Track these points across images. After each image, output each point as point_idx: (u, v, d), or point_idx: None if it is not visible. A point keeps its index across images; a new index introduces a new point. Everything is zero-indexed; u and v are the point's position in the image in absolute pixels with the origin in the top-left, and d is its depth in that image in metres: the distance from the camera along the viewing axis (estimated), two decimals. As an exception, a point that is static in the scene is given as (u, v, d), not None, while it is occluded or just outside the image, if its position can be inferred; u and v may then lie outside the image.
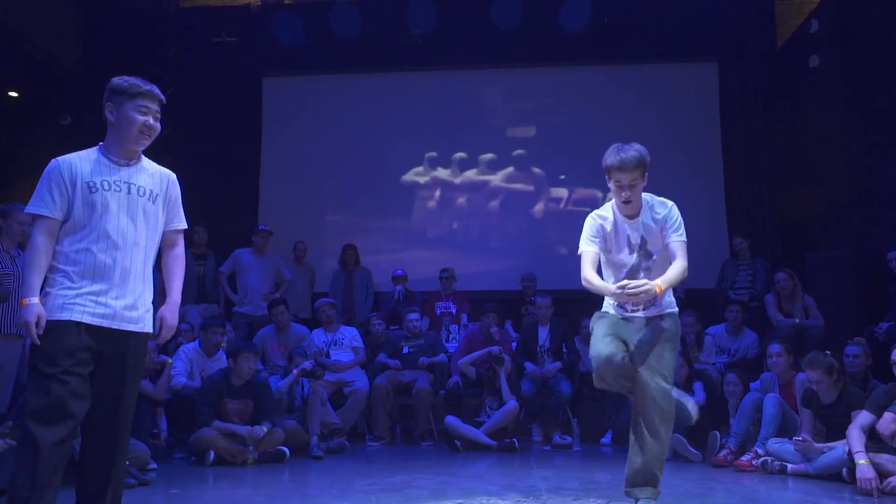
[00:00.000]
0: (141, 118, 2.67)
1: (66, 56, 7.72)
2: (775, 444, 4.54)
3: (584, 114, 8.29)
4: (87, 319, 2.44)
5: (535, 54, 8.29)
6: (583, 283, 3.27)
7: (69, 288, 2.46)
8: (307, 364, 5.53)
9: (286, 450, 5.05)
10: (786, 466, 4.41)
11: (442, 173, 8.35)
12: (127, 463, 3.97)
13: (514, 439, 5.56)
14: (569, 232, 8.09)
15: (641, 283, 3.05)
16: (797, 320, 5.83)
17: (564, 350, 6.30)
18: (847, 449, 4.01)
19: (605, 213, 3.31)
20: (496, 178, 8.29)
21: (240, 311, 6.90)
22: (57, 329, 2.41)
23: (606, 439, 5.92)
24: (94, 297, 2.47)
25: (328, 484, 4.22)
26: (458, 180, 8.31)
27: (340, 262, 7.59)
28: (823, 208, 7.07)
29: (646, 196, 3.28)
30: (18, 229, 4.53)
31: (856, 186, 6.62)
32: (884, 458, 3.83)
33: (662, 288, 3.08)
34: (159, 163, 2.94)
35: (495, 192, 8.26)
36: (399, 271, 7.41)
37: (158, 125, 2.74)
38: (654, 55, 8.17)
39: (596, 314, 3.36)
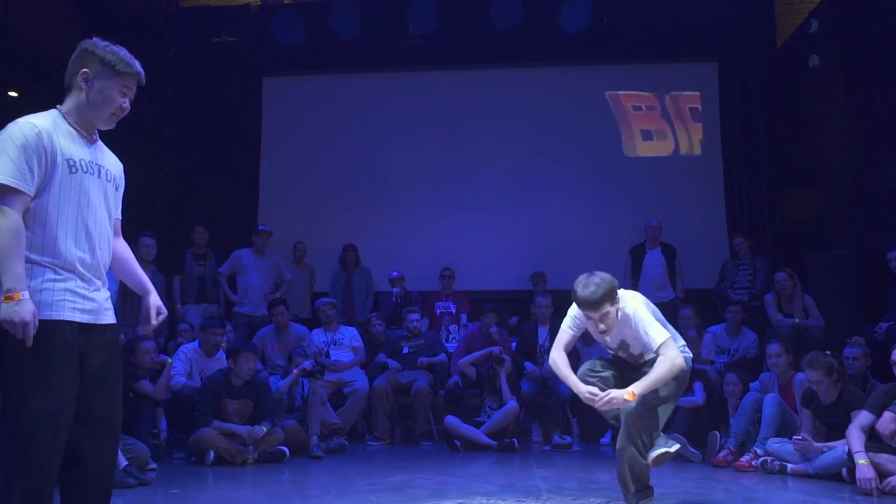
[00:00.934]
0: (121, 99, 2.34)
1: (66, 56, 7.70)
2: (775, 444, 4.54)
3: (584, 113, 8.29)
4: (77, 317, 2.15)
5: (535, 54, 8.29)
6: (549, 361, 3.39)
7: (53, 281, 2.13)
8: (307, 364, 5.53)
9: (286, 450, 5.05)
10: (785, 466, 4.40)
11: (442, 172, 8.35)
12: (127, 463, 3.99)
13: (514, 439, 5.56)
14: (570, 231, 8.13)
15: (606, 394, 3.02)
16: (797, 320, 5.83)
17: (564, 350, 6.29)
18: (847, 449, 4.01)
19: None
20: (496, 177, 8.29)
21: (240, 312, 6.90)
22: (50, 330, 2.08)
23: (606, 439, 5.91)
24: (80, 292, 2.17)
25: (328, 484, 4.22)
26: (457, 179, 8.31)
27: (340, 263, 7.59)
28: (823, 208, 7.07)
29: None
30: None
31: (855, 186, 6.62)
32: (883, 458, 3.83)
33: (636, 395, 2.98)
34: (158, 163, 2.93)
35: (496, 192, 8.25)
36: (395, 273, 7.40)
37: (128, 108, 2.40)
38: (655, 55, 8.18)
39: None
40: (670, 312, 6.66)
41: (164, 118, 8.19)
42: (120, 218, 2.44)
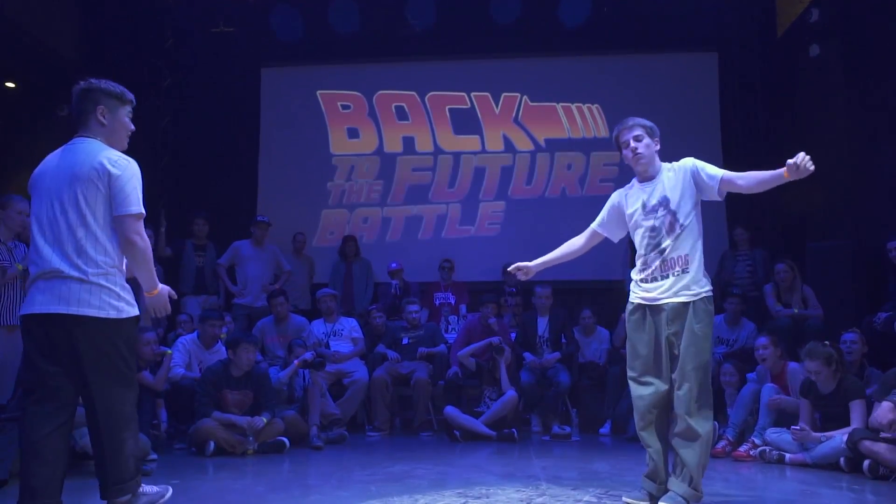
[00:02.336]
0: (130, 125, 2.96)
1: (64, 47, 7.68)
2: (773, 433, 4.56)
3: (586, 102, 8.27)
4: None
5: (534, 44, 8.26)
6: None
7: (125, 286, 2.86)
8: (308, 355, 5.53)
9: (286, 440, 5.07)
10: (784, 456, 4.42)
11: (441, 163, 8.34)
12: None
13: (514, 429, 5.57)
14: (569, 222, 8.11)
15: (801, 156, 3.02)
16: (796, 311, 5.84)
17: (563, 340, 6.31)
18: (844, 438, 4.03)
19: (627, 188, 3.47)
20: (495, 169, 8.29)
21: (239, 303, 6.90)
22: (134, 323, 2.85)
23: (605, 429, 5.94)
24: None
25: (328, 474, 4.23)
26: (456, 171, 8.31)
27: (340, 254, 7.59)
28: (822, 199, 7.06)
29: (665, 164, 3.34)
30: (18, 219, 4.53)
31: (855, 177, 6.61)
32: (882, 448, 3.84)
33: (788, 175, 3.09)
34: (157, 154, 3.05)
35: (495, 183, 8.26)
36: (394, 265, 7.39)
37: None
38: (654, 45, 8.15)
39: (628, 312, 3.31)
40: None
41: (162, 109, 8.16)
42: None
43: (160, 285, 2.94)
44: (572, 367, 6.20)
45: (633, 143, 3.26)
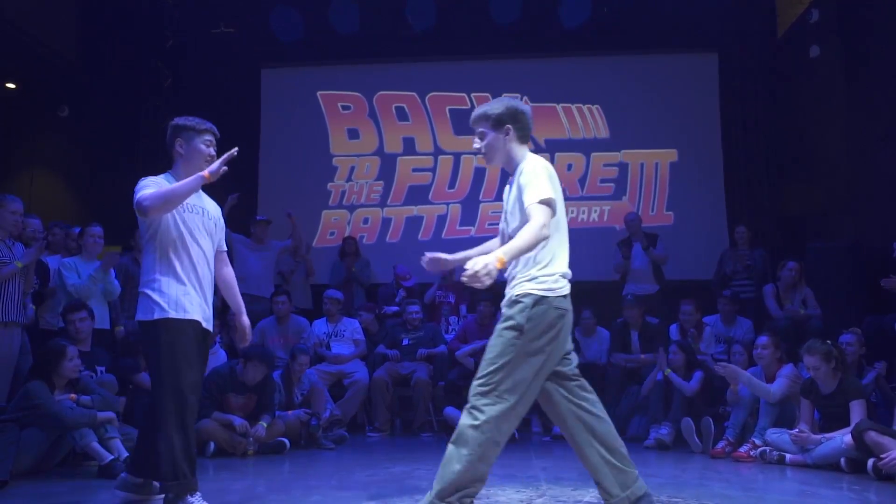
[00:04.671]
0: (206, 150, 3.20)
1: (64, 47, 7.69)
2: (773, 434, 4.56)
3: (586, 103, 8.27)
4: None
5: (534, 45, 8.27)
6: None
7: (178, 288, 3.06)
8: (313, 421, 5.30)
9: (286, 441, 5.06)
10: (784, 456, 4.42)
11: (441, 164, 8.35)
12: (128, 454, 4.01)
13: (514, 430, 5.55)
14: (569, 222, 8.12)
15: (473, 263, 2.43)
16: (802, 310, 5.82)
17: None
18: (845, 438, 4.03)
19: None
20: (496, 170, 8.28)
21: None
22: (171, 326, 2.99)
23: (605, 430, 5.92)
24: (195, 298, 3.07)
25: (328, 475, 4.23)
26: (456, 171, 8.31)
27: (340, 254, 7.59)
28: (822, 199, 7.07)
29: (527, 156, 2.81)
30: (12, 219, 4.53)
31: (855, 177, 6.61)
32: (888, 440, 3.83)
33: (504, 261, 2.47)
34: (157, 154, 3.04)
35: (495, 183, 8.26)
36: (402, 271, 7.33)
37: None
38: (654, 46, 8.15)
39: None
40: (658, 304, 6.71)
41: (162, 109, 8.16)
42: (224, 250, 3.38)
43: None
44: (573, 367, 6.19)
45: (475, 143, 2.87)
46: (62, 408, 3.92)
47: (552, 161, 8.22)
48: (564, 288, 2.77)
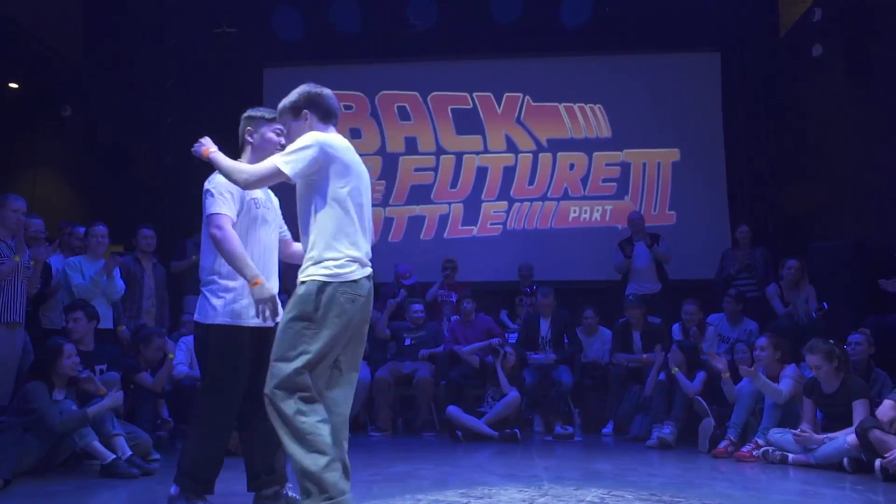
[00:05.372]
0: (277, 139, 3.10)
1: (67, 47, 7.70)
2: (776, 433, 4.55)
3: (588, 102, 8.26)
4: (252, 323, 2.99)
5: (536, 44, 8.26)
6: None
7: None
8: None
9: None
10: (787, 456, 4.41)
11: (443, 164, 8.35)
12: (131, 453, 4.02)
13: (516, 430, 5.57)
14: (571, 222, 8.14)
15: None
16: (816, 313, 5.80)
17: (566, 341, 6.32)
18: (848, 438, 4.02)
19: None
20: (498, 169, 8.29)
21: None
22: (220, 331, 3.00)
23: (608, 429, 5.93)
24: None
25: (330, 474, 4.22)
26: (458, 171, 8.31)
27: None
28: (825, 199, 7.05)
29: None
30: (13, 217, 4.53)
31: (858, 176, 6.59)
32: (892, 439, 3.82)
33: (207, 153, 2.84)
34: (160, 154, 3.01)
35: (497, 183, 8.26)
36: (403, 270, 7.34)
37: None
38: (656, 45, 8.14)
39: None
40: (660, 303, 6.70)
41: (165, 110, 8.17)
42: (288, 237, 3.37)
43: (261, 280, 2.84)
44: (574, 367, 6.20)
45: (281, 140, 3.03)
46: (52, 415, 3.91)
47: (554, 161, 8.24)
48: (354, 273, 2.63)
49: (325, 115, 2.84)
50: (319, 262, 2.61)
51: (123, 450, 4.03)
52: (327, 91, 2.88)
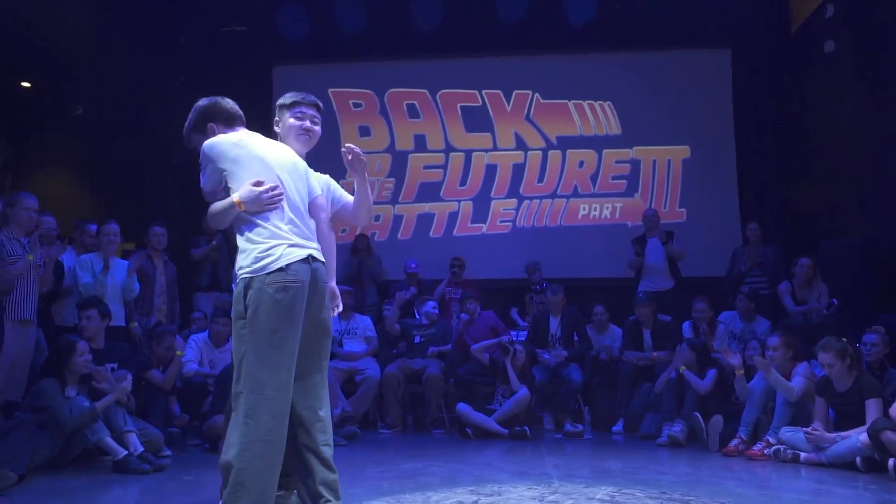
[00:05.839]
0: (299, 122, 2.94)
1: (78, 47, 7.74)
2: (788, 432, 4.52)
3: (598, 99, 8.23)
4: None
5: (546, 42, 8.25)
6: None
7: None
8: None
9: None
10: (798, 455, 4.38)
11: (452, 161, 8.35)
12: (143, 449, 4.05)
13: (526, 427, 5.56)
14: (578, 220, 8.12)
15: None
16: (827, 310, 5.75)
17: (576, 339, 6.31)
18: (860, 437, 3.99)
19: None
20: (507, 166, 8.28)
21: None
22: None
23: (618, 427, 5.92)
24: None
25: (340, 471, 4.20)
26: (468, 168, 8.31)
27: (352, 250, 7.61)
28: (835, 196, 7.00)
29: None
30: (26, 216, 4.56)
31: (869, 174, 6.54)
32: None
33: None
34: (170, 152, 3.00)
35: (506, 180, 8.25)
36: (412, 266, 7.36)
37: (318, 129, 2.97)
38: (666, 42, 8.11)
39: None
40: (672, 300, 6.67)
41: (174, 108, 8.19)
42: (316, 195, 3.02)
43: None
44: (584, 364, 6.19)
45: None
46: (63, 412, 3.93)
47: (563, 158, 8.22)
48: (278, 261, 2.53)
49: (229, 120, 2.86)
50: (245, 259, 2.55)
51: (135, 446, 4.06)
52: (220, 98, 2.89)
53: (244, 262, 2.55)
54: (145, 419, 4.53)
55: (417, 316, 6.63)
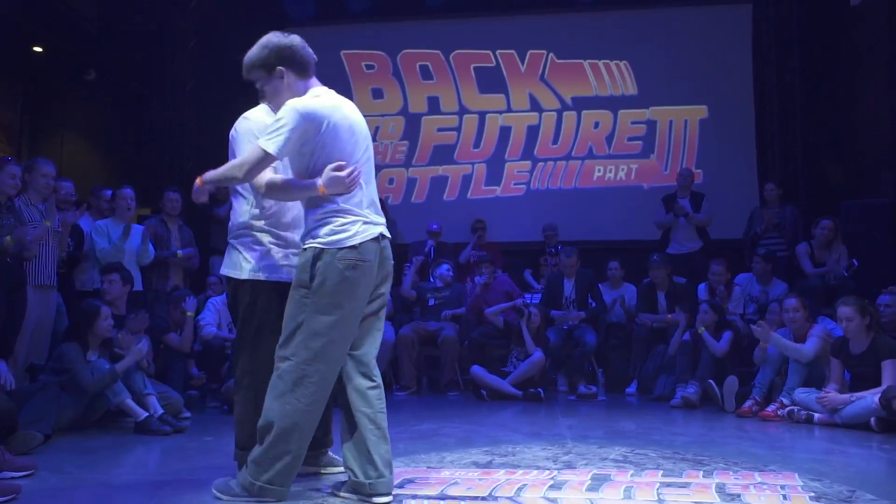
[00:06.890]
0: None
1: (90, 11, 7.69)
2: (802, 393, 4.52)
3: (614, 59, 8.08)
4: None
5: (559, 0, 8.10)
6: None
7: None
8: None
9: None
10: (812, 416, 4.38)
11: (466, 123, 8.27)
12: (163, 411, 4.12)
13: (540, 389, 5.60)
14: (596, 181, 8.04)
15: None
16: (847, 271, 5.69)
17: (591, 301, 6.31)
18: (875, 398, 3.98)
19: None
20: (521, 128, 8.19)
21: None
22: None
23: (631, 389, 5.95)
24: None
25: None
26: (482, 130, 8.23)
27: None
28: (859, 157, 6.87)
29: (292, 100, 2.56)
30: (43, 182, 4.59)
31: (894, 133, 6.39)
32: None
33: (202, 181, 2.69)
34: (184, 117, 2.95)
35: (521, 142, 8.17)
36: (434, 226, 7.35)
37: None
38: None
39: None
40: (699, 262, 6.62)
41: (186, 72, 8.17)
42: None
43: None
44: (599, 327, 6.20)
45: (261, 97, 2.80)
46: (85, 375, 4.00)
47: (578, 119, 8.10)
48: (353, 238, 2.49)
49: (302, 70, 2.63)
50: (318, 228, 2.49)
51: (155, 408, 4.13)
52: (297, 40, 2.63)
53: (317, 232, 2.48)
54: (165, 382, 4.61)
55: (432, 279, 6.64)
